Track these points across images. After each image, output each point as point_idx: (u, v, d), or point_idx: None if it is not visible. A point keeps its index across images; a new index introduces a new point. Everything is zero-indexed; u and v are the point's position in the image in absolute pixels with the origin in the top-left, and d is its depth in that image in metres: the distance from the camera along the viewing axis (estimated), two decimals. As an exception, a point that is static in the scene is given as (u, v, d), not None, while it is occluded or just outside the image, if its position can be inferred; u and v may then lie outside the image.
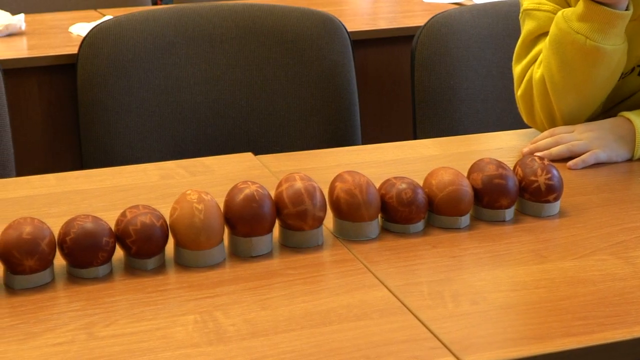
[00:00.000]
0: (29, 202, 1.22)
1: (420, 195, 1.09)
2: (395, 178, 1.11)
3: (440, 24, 1.89)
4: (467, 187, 1.11)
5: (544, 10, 1.41)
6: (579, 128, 1.37)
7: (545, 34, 1.40)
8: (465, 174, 1.15)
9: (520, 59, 1.45)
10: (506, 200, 1.13)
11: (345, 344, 0.86)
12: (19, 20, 2.35)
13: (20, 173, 1.78)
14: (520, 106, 1.45)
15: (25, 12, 2.44)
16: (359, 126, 1.95)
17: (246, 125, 1.95)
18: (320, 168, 1.36)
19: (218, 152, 1.70)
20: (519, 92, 1.44)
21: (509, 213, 1.14)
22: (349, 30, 1.95)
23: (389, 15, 2.61)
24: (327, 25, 1.94)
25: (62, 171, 1.37)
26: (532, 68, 1.41)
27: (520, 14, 1.47)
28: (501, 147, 1.44)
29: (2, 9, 2.38)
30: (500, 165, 1.14)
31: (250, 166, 1.36)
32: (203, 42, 1.93)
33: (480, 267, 1.03)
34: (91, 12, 2.65)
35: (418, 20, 2.29)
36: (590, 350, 0.86)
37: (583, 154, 1.33)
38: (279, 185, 1.06)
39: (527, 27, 1.44)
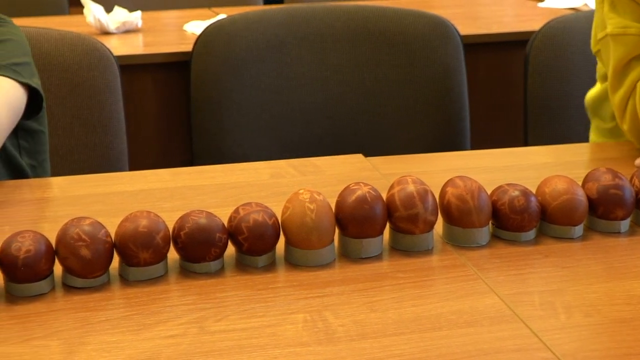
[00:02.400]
0: (143, 196, 1.25)
1: (533, 203, 1.08)
2: (507, 185, 1.10)
3: (556, 29, 1.86)
4: (581, 197, 1.09)
5: (631, 34, 1.35)
6: None
7: (636, 57, 1.35)
8: (580, 183, 1.12)
9: (615, 88, 1.38)
10: (622, 212, 1.10)
11: (455, 350, 0.85)
12: (136, 18, 2.40)
13: (132, 167, 1.82)
14: (631, 139, 1.40)
15: (142, 10, 2.50)
16: (469, 130, 1.93)
17: (354, 126, 1.96)
18: (430, 172, 1.35)
19: (325, 152, 1.70)
20: (625, 126, 1.38)
21: (625, 225, 1.11)
22: (461, 33, 1.94)
23: (502, 19, 2.58)
24: (440, 28, 1.94)
25: (172, 166, 1.40)
26: (632, 100, 1.36)
27: (601, 37, 1.41)
28: (616, 156, 1.41)
29: (120, 6, 2.44)
30: (616, 175, 1.11)
31: (361, 167, 1.37)
32: (314, 43, 1.94)
33: (594, 278, 1.01)
34: (205, 11, 2.69)
35: (532, 24, 2.26)
36: None
37: None
38: (391, 187, 1.06)
39: (615, 53, 1.38)
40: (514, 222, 1.07)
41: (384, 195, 1.06)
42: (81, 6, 2.42)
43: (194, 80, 1.90)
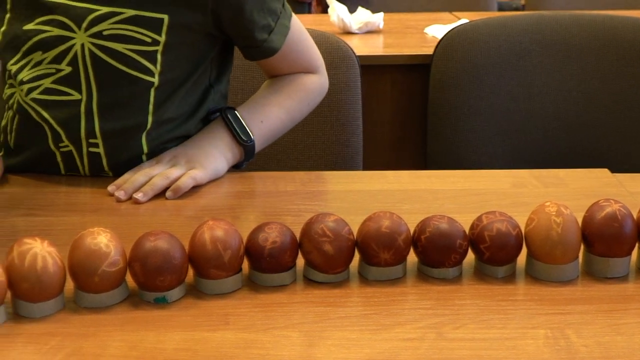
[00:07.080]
0: (382, 196, 1.26)
1: None
2: None
3: None
4: None
5: None
6: None
7: None
8: None
9: None
10: None
11: None
12: (378, 19, 2.43)
13: (365, 166, 1.84)
14: None
15: (384, 11, 2.52)
16: None
17: (595, 139, 1.89)
18: (681, 193, 1.28)
19: (562, 163, 1.65)
20: None
21: None
22: None
23: None
24: (695, 42, 1.84)
25: (404, 167, 1.40)
26: None
27: None
28: None
29: (363, 7, 2.47)
30: None
31: (606, 183, 1.31)
32: (559, 52, 1.89)
33: None
34: (446, 15, 2.68)
35: None
36: None
37: None
38: (644, 207, 1.01)
39: None
40: None
41: (634, 214, 1.01)
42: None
43: (432, 83, 1.90)
